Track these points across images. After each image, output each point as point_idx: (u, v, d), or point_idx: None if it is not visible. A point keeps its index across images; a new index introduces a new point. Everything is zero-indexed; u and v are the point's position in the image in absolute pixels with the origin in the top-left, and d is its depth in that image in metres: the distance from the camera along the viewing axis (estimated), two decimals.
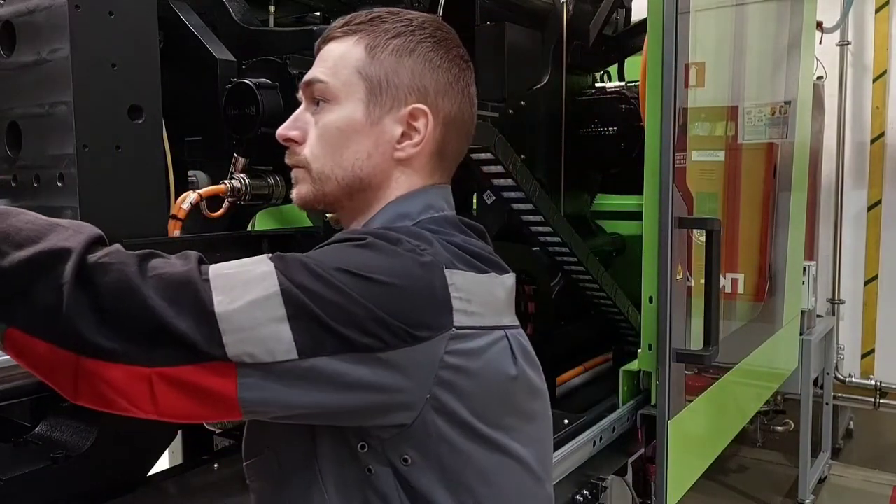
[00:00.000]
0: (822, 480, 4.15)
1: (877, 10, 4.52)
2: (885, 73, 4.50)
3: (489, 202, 2.43)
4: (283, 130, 0.94)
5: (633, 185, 2.18)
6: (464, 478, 0.83)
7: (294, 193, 0.96)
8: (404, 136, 0.92)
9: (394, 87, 0.91)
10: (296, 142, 0.93)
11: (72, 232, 0.73)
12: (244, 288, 0.74)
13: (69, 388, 0.73)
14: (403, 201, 0.93)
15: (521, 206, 2.09)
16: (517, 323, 0.92)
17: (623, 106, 2.70)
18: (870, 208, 4.58)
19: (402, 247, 0.81)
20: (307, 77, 0.94)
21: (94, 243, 0.74)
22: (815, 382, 4.03)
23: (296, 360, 0.73)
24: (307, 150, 0.92)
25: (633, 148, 2.61)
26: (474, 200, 2.57)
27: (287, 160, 0.96)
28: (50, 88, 1.20)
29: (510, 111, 2.34)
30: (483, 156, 1.88)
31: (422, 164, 0.94)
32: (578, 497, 1.88)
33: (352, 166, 0.91)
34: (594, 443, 1.94)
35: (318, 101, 0.93)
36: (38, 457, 1.37)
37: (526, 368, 0.89)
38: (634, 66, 2.85)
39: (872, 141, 4.55)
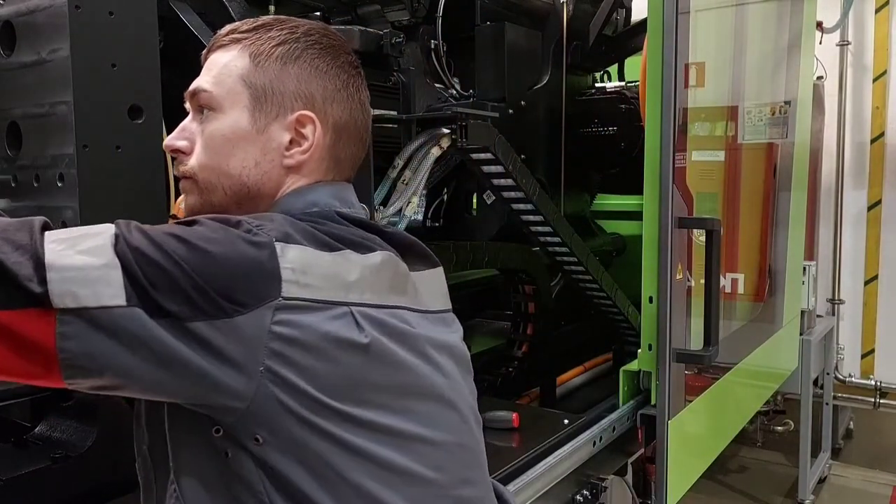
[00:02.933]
0: (822, 480, 4.15)
1: (877, 10, 4.51)
2: (885, 73, 4.50)
3: (489, 202, 2.44)
4: (169, 141, 0.94)
5: (633, 185, 2.18)
6: (323, 453, 0.80)
7: (182, 205, 0.96)
8: (293, 143, 0.92)
9: (279, 94, 0.91)
10: (183, 152, 0.93)
11: None
12: (78, 239, 0.74)
13: None
14: (287, 199, 0.92)
15: (521, 206, 2.09)
16: (374, 302, 0.85)
17: (623, 106, 2.70)
18: (870, 208, 4.58)
19: (239, 227, 0.81)
20: (192, 87, 0.94)
21: None
22: (815, 382, 4.03)
23: (123, 306, 0.72)
24: (194, 160, 0.93)
25: (633, 148, 2.61)
26: (474, 200, 2.57)
27: (175, 171, 0.96)
28: (50, 88, 1.20)
29: (510, 111, 2.34)
30: (483, 156, 1.88)
31: (312, 169, 0.94)
32: (578, 497, 1.88)
33: (239, 174, 0.91)
34: (594, 443, 1.94)
35: (204, 110, 0.93)
36: (38, 457, 1.37)
37: (385, 341, 0.84)
38: (634, 66, 2.85)
39: (872, 141, 4.55)
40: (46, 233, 0.74)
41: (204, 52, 0.97)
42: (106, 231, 0.75)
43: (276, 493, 0.80)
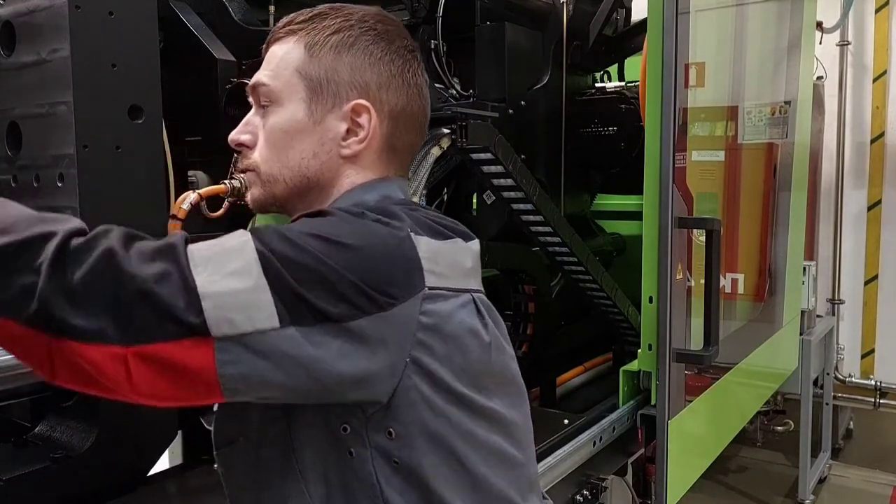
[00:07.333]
0: (822, 480, 4.15)
1: (877, 10, 4.52)
2: (885, 73, 4.50)
3: (489, 202, 2.44)
4: (234, 135, 0.95)
5: (633, 185, 2.18)
6: (450, 442, 0.83)
7: (248, 197, 0.97)
8: (349, 132, 0.92)
9: (334, 84, 0.91)
10: (247, 146, 0.94)
11: (60, 220, 0.73)
12: (223, 259, 0.74)
13: (46, 368, 0.72)
14: (359, 191, 0.92)
15: (521, 206, 2.09)
16: (482, 289, 0.92)
17: (623, 106, 2.70)
18: (870, 208, 4.58)
19: (366, 217, 0.82)
20: (252, 80, 0.94)
21: (81, 232, 0.73)
22: (815, 382, 4.03)
23: (277, 328, 0.72)
24: (257, 154, 0.93)
25: (633, 148, 2.61)
26: (474, 200, 2.57)
27: (238, 164, 0.96)
28: (50, 88, 1.20)
29: (510, 111, 2.34)
30: (483, 156, 1.88)
31: (371, 160, 0.94)
32: (578, 497, 1.88)
33: (298, 166, 0.92)
34: (594, 443, 1.94)
35: (264, 103, 0.93)
36: (38, 457, 1.37)
37: (494, 327, 0.89)
38: (634, 66, 2.85)
39: (872, 141, 4.55)
40: (190, 254, 0.73)
41: (264, 45, 0.97)
42: (246, 244, 0.75)
43: (391, 493, 0.81)
